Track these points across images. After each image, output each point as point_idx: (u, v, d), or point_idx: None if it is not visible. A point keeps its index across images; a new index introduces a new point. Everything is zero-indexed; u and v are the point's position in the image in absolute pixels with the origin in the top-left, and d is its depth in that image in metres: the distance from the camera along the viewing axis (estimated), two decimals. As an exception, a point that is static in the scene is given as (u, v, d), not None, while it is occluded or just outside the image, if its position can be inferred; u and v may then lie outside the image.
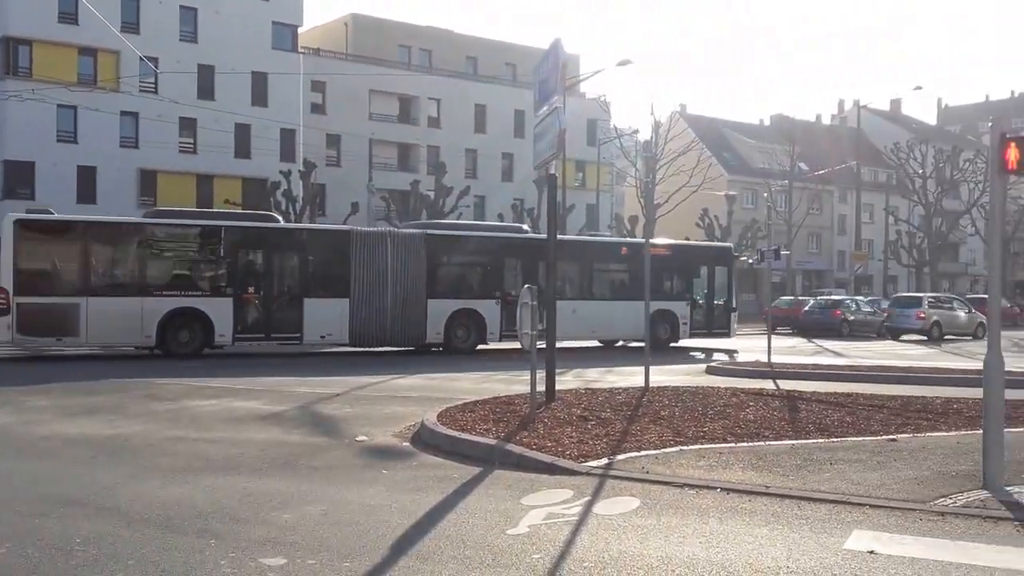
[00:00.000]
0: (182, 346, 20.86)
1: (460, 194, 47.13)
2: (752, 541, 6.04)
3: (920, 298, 38.41)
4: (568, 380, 16.17)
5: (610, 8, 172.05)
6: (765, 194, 54.79)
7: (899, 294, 45.99)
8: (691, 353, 25.77)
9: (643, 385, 13.96)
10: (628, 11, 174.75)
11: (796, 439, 9.74)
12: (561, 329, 24.99)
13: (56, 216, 21.41)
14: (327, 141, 53.42)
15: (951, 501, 7.00)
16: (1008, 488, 7.30)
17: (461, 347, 23.60)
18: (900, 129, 78.41)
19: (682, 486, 7.55)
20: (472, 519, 6.58)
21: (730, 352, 25.91)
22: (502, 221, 50.11)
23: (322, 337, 22.55)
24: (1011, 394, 10.84)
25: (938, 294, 44.77)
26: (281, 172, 44.74)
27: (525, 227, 30.67)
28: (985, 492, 7.20)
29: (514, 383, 15.25)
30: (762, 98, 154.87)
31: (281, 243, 22.97)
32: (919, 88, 53.80)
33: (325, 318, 22.20)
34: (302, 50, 53.63)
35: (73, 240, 20.94)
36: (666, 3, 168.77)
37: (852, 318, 37.59)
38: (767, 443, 9.46)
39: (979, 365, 7.79)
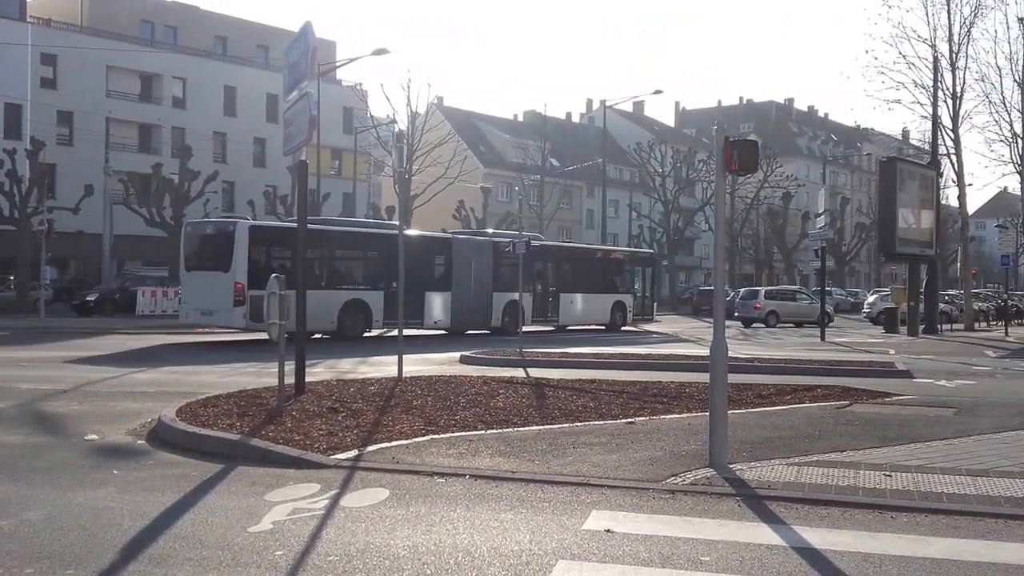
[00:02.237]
0: (349, 330, 25.20)
1: (207, 179, 45.16)
2: (497, 526, 6.16)
3: (758, 291, 43.93)
4: (320, 371, 15.92)
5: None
6: (518, 188, 56.23)
7: (745, 287, 50.44)
8: (637, 335, 30.77)
9: (396, 375, 13.94)
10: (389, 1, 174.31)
11: (543, 424, 10.04)
12: (563, 316, 32.21)
13: (276, 223, 28.52)
14: (58, 118, 49.76)
15: (680, 480, 7.43)
16: (731, 466, 7.83)
17: (508, 329, 28.29)
18: (642, 130, 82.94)
19: (432, 475, 7.59)
20: (212, 518, 6.30)
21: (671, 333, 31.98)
22: (253, 208, 48.70)
23: (435, 323, 27.76)
24: (735, 378, 11.76)
25: (779, 287, 48.72)
26: (5, 150, 40.95)
27: (539, 235, 38.51)
28: (711, 470, 7.69)
29: (263, 375, 14.80)
30: (514, 92, 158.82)
31: (413, 246, 25.17)
32: (659, 92, 56.87)
33: (437, 307, 27.48)
34: (31, 19, 49.64)
35: (286, 242, 23.79)
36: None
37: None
38: (515, 429, 9.69)
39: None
